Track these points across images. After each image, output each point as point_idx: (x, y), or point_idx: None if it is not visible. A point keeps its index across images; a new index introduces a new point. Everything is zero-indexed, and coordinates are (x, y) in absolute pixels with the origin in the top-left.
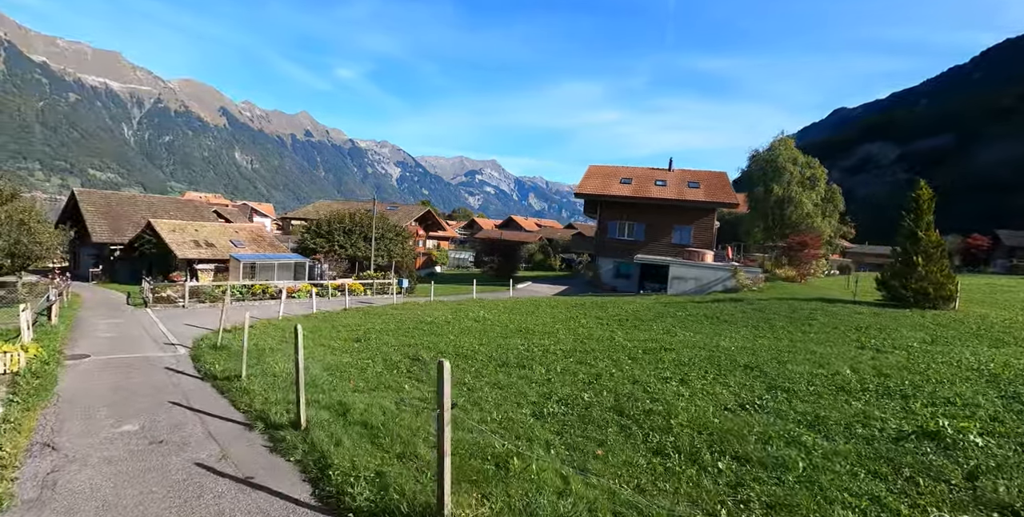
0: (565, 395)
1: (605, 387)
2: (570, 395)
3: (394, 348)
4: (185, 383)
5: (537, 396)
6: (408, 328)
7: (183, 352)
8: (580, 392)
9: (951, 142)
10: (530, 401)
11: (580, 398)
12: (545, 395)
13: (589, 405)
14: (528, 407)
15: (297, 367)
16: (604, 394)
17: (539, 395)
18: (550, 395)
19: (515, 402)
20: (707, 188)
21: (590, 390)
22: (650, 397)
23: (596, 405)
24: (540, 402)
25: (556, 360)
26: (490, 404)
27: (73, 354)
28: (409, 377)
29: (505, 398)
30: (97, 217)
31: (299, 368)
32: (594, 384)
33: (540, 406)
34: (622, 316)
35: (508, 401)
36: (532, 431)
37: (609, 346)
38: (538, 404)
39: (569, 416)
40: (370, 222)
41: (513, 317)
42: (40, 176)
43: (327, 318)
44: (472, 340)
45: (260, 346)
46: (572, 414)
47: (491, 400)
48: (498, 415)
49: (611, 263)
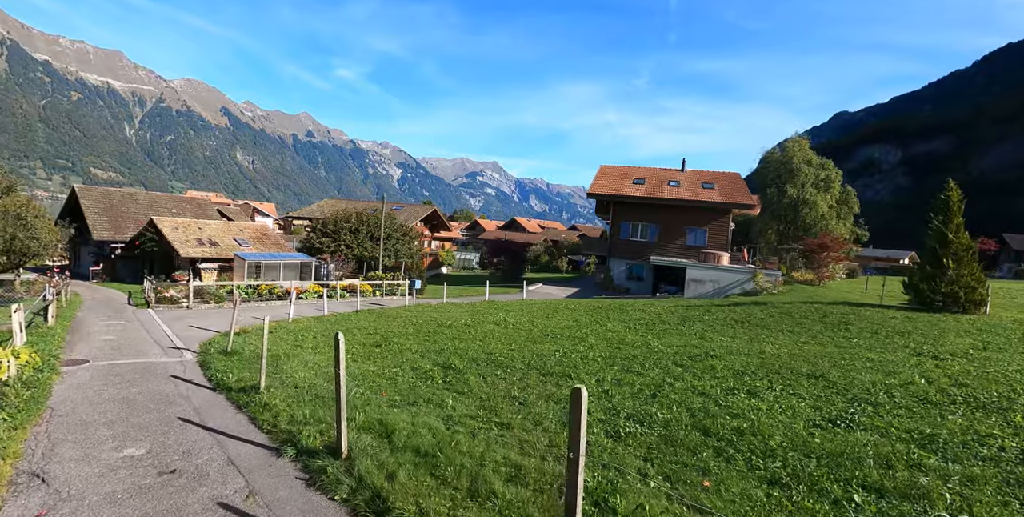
0: (633, 410)
1: (671, 400)
2: (639, 411)
3: (419, 354)
4: (195, 395)
5: (602, 412)
6: (428, 332)
7: (190, 358)
8: (646, 406)
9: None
10: (596, 418)
11: (651, 414)
12: (610, 411)
13: (667, 423)
14: (597, 425)
15: (338, 384)
16: (675, 409)
17: (603, 411)
18: (616, 411)
19: None
20: (722, 189)
21: (656, 404)
22: (727, 412)
23: (674, 423)
24: (608, 419)
25: (601, 368)
26: (552, 421)
27: (70, 359)
28: (447, 388)
29: (566, 414)
30: (98, 214)
31: (340, 385)
32: (658, 397)
33: (611, 424)
34: (646, 319)
35: (591, 424)
36: (616, 456)
37: (648, 352)
38: (607, 422)
39: (650, 436)
40: (377, 221)
41: (534, 320)
42: (42, 175)
43: (340, 320)
44: (501, 345)
45: (274, 351)
46: (652, 434)
47: (552, 416)
48: (568, 435)
49: (623, 265)
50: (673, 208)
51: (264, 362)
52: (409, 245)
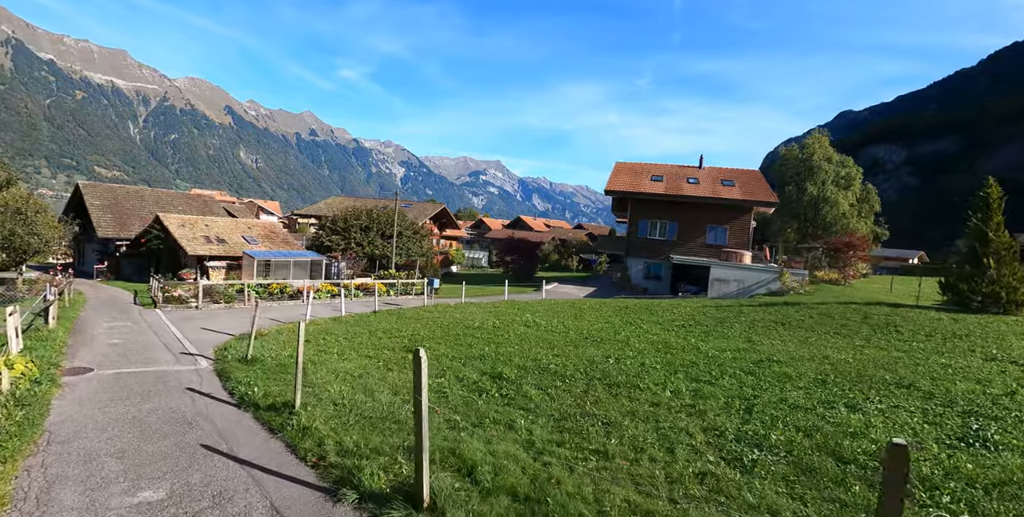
0: (739, 431)
1: (772, 417)
2: (746, 431)
3: (459, 361)
4: (217, 413)
5: (703, 433)
6: (457, 335)
7: (205, 366)
8: (750, 426)
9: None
10: (702, 441)
11: (762, 435)
12: (712, 431)
13: (788, 447)
14: (710, 451)
15: (420, 414)
16: (783, 428)
17: (704, 431)
18: (719, 431)
19: (687, 444)
20: (743, 186)
21: (756, 421)
22: (840, 430)
23: (796, 446)
24: (717, 442)
25: (666, 378)
26: (657, 448)
27: (72, 367)
28: (507, 404)
29: (666, 437)
30: (102, 211)
31: (422, 415)
32: (755, 413)
33: (725, 449)
34: (680, 321)
35: (676, 442)
36: (757, 494)
37: (704, 358)
38: (718, 446)
39: (779, 465)
40: (387, 219)
41: (564, 322)
42: (46, 173)
43: (359, 322)
44: (543, 350)
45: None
46: (780, 462)
47: (651, 441)
48: (685, 467)
49: (641, 263)
50: (693, 205)
51: (299, 375)
52: (420, 243)
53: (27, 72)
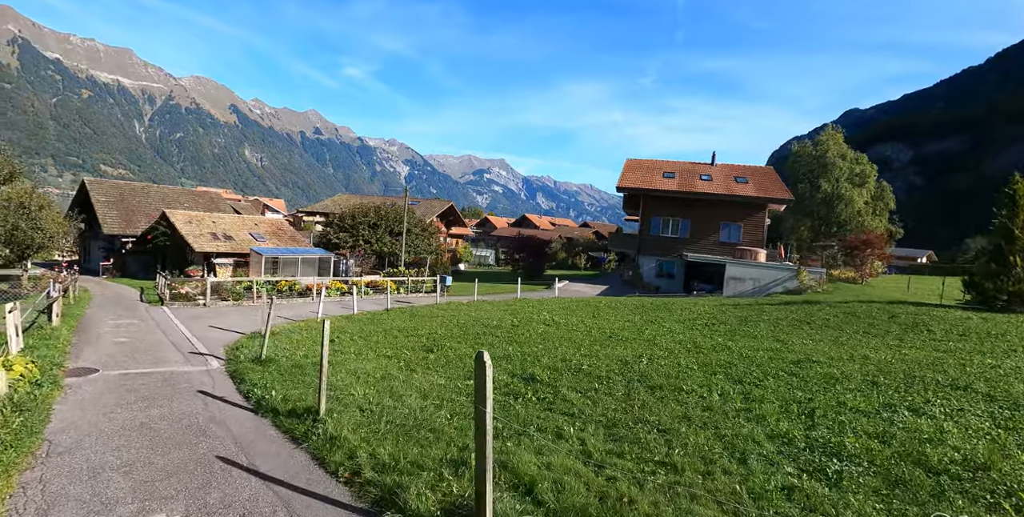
0: (811, 439)
1: (837, 422)
2: (817, 439)
3: None
4: (233, 419)
5: (772, 442)
6: (476, 333)
7: (217, 366)
8: (819, 433)
9: (967, 144)
10: (774, 450)
11: (835, 443)
12: (780, 439)
13: (868, 456)
14: (787, 462)
15: (483, 428)
16: (855, 435)
17: (770, 439)
18: (787, 439)
19: (757, 454)
20: (756, 183)
21: (822, 428)
22: (915, 437)
23: (878, 455)
24: (790, 452)
25: (707, 379)
26: (727, 459)
27: (76, 368)
28: (548, 409)
29: (732, 446)
30: (108, 208)
31: (487, 429)
32: (819, 418)
33: (801, 460)
34: (701, 319)
35: (746, 452)
36: (854, 512)
37: (739, 358)
38: (792, 456)
39: (865, 477)
40: (396, 216)
41: (584, 320)
42: (53, 172)
43: (373, 320)
44: (569, 350)
45: (315, 359)
46: (866, 473)
47: (718, 450)
48: (765, 480)
49: (653, 261)
50: (706, 203)
51: (324, 379)
52: (429, 241)
53: (34, 71)
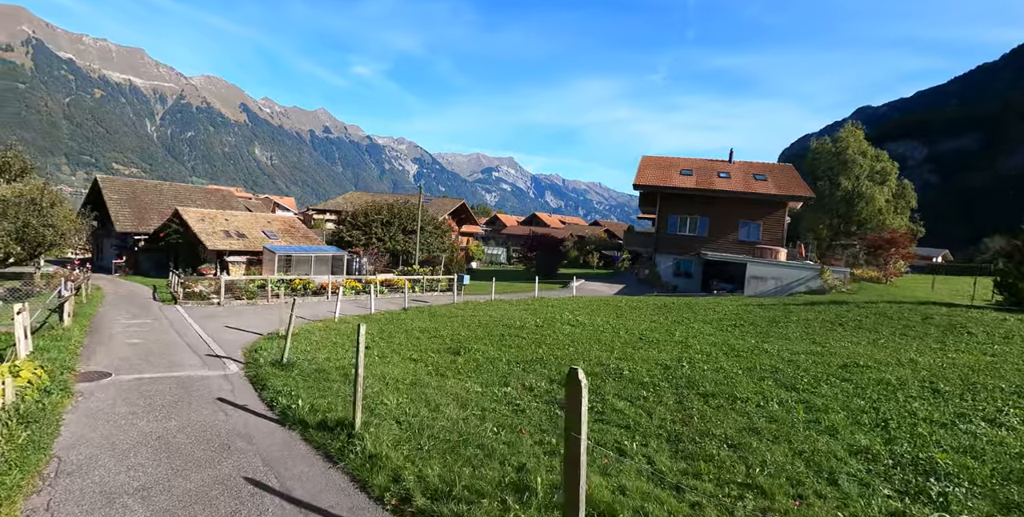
0: (896, 455)
1: (916, 434)
2: (904, 455)
3: (516, 366)
4: (258, 432)
5: (856, 459)
6: (502, 335)
7: (235, 370)
8: (898, 447)
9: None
10: (862, 469)
11: (925, 460)
12: (863, 455)
13: (968, 475)
14: (881, 483)
15: (576, 462)
16: (941, 450)
17: (855, 456)
18: (871, 455)
19: (845, 473)
20: (776, 181)
21: (903, 441)
22: (1007, 452)
23: (977, 474)
24: (880, 471)
25: (757, 385)
26: (815, 479)
27: (88, 372)
28: (599, 421)
29: (815, 464)
30: (121, 205)
31: (580, 456)
32: (894, 430)
33: (895, 480)
34: (729, 320)
35: (833, 470)
36: None
37: (782, 362)
38: (884, 476)
39: (973, 500)
40: (409, 214)
41: (608, 320)
42: (66, 171)
43: (391, 320)
44: (602, 353)
45: (338, 363)
46: (972, 496)
47: (800, 469)
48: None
49: (671, 260)
50: (724, 200)
51: (359, 389)
52: (442, 239)
53: (47, 71)
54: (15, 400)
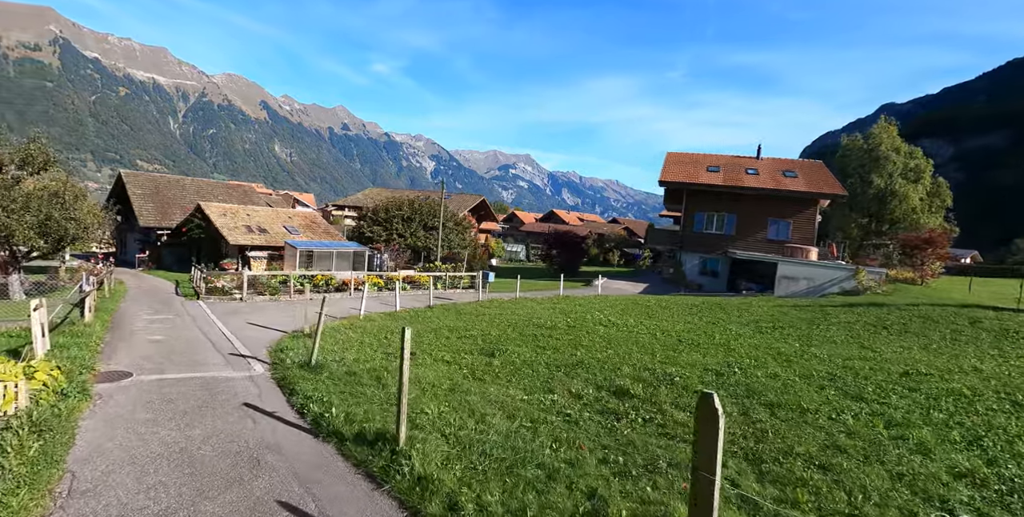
0: (1006, 479)
1: (1015, 454)
2: (1014, 480)
3: (558, 370)
4: (289, 445)
5: (962, 483)
6: (534, 336)
7: (261, 371)
8: (1003, 469)
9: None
10: (975, 496)
11: None
12: (967, 479)
13: None
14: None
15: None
16: None
17: (959, 480)
18: (978, 479)
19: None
20: (807, 178)
21: (1009, 464)
22: None
23: None
24: (996, 499)
25: (821, 397)
26: (928, 509)
27: (108, 371)
28: (663, 434)
29: (920, 490)
30: (144, 200)
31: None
32: (991, 450)
33: (1017, 512)
34: (766, 322)
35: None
36: None
37: (838, 368)
38: (1002, 505)
39: None
40: (430, 210)
41: (641, 321)
42: (92, 167)
43: (417, 318)
44: (644, 356)
45: (369, 364)
46: None
47: (906, 497)
48: None
49: (696, 259)
50: (753, 198)
51: (404, 400)
52: (462, 235)
53: (74, 70)
54: (28, 405)
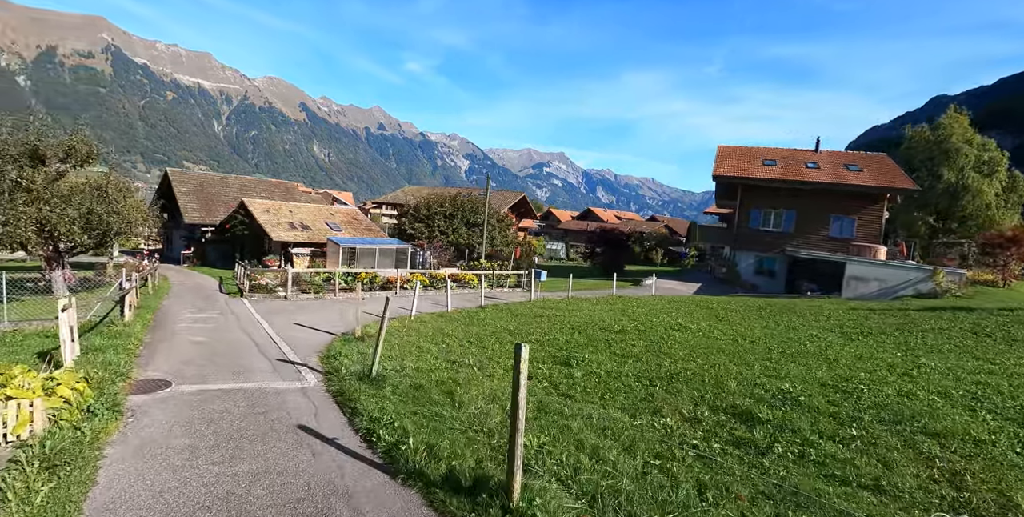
0: None
1: None
2: None
3: (646, 383)
4: (362, 490)
5: None
6: (604, 340)
7: (314, 383)
8: None
9: None
10: None
11: None
12: None
13: None
14: None
15: None
16: None
17: None
18: None
19: None
20: (872, 172)
21: None
22: None
23: None
24: None
25: (979, 423)
26: None
27: (145, 379)
28: (831, 478)
29: None
30: (189, 197)
31: None
32: None
33: None
34: (849, 327)
35: None
36: None
37: (973, 384)
38: None
39: None
40: (472, 206)
41: (716, 325)
42: (142, 168)
43: (472, 320)
44: (740, 368)
45: (435, 376)
46: None
47: None
48: None
49: (752, 257)
50: (813, 193)
51: (519, 443)
52: (505, 233)
53: (124, 76)
54: (46, 427)
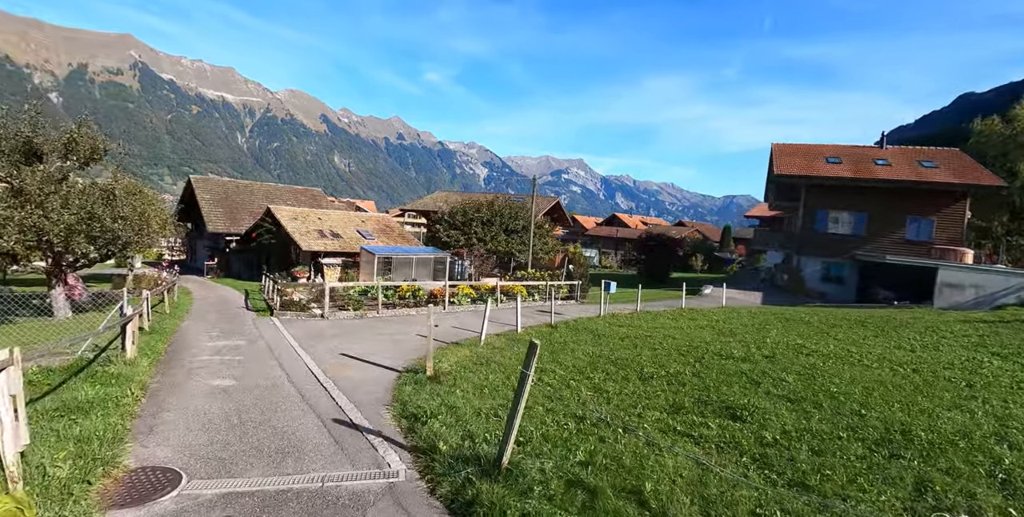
0: None
1: None
2: None
3: (835, 444)
4: None
5: None
6: (736, 373)
7: (403, 473)
8: None
9: None
10: None
11: None
12: None
13: None
14: None
15: None
16: None
17: None
18: None
19: None
20: (950, 167)
21: None
22: None
23: None
24: None
25: None
26: None
27: (141, 468)
28: None
29: None
30: (213, 205)
31: None
32: None
33: None
34: (992, 345)
35: None
36: None
37: None
38: None
39: None
40: (511, 212)
41: (846, 347)
42: (168, 180)
43: (551, 344)
44: (952, 413)
45: (579, 450)
46: None
47: None
48: None
49: (818, 263)
50: (884, 192)
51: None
52: (545, 240)
53: (152, 91)
54: None
